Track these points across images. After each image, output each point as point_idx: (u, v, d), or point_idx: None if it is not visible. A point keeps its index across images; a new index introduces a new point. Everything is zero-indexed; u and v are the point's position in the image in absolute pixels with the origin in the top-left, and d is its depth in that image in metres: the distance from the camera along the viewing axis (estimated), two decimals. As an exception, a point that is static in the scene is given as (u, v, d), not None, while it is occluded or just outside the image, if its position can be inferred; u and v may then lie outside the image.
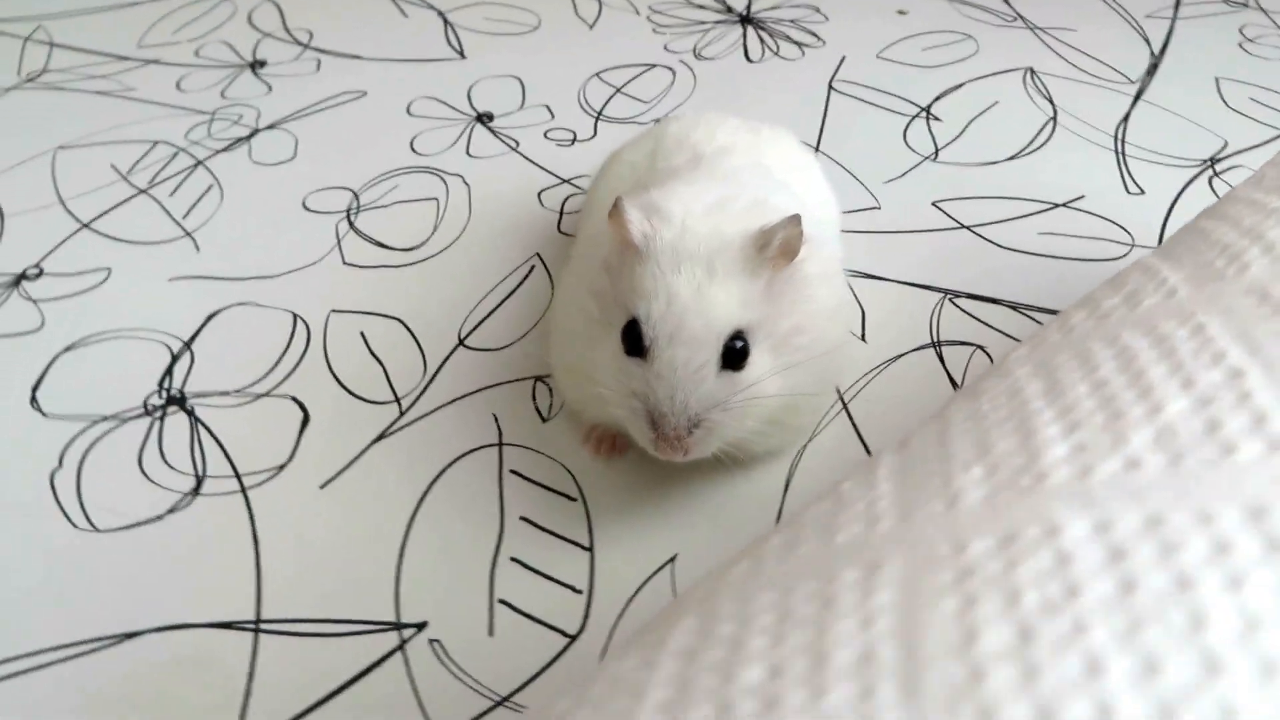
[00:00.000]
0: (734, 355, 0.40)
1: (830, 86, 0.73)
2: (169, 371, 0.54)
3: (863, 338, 0.54)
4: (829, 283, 0.45)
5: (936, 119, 0.70)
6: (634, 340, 0.40)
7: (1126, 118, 0.70)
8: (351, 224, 0.63)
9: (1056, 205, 0.62)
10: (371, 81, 0.76)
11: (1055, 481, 0.18)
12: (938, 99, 0.72)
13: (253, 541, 0.46)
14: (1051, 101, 0.71)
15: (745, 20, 0.82)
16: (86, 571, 0.45)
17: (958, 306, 0.56)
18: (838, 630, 0.17)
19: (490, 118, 0.71)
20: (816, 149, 0.67)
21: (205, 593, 0.44)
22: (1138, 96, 0.72)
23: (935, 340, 0.54)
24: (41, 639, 0.42)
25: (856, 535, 0.19)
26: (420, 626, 0.42)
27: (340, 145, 0.69)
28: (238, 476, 0.49)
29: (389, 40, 0.80)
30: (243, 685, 0.41)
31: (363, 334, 0.55)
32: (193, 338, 0.56)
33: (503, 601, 0.43)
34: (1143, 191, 0.63)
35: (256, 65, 0.78)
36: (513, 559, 0.45)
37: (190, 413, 0.52)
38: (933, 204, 0.62)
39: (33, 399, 0.53)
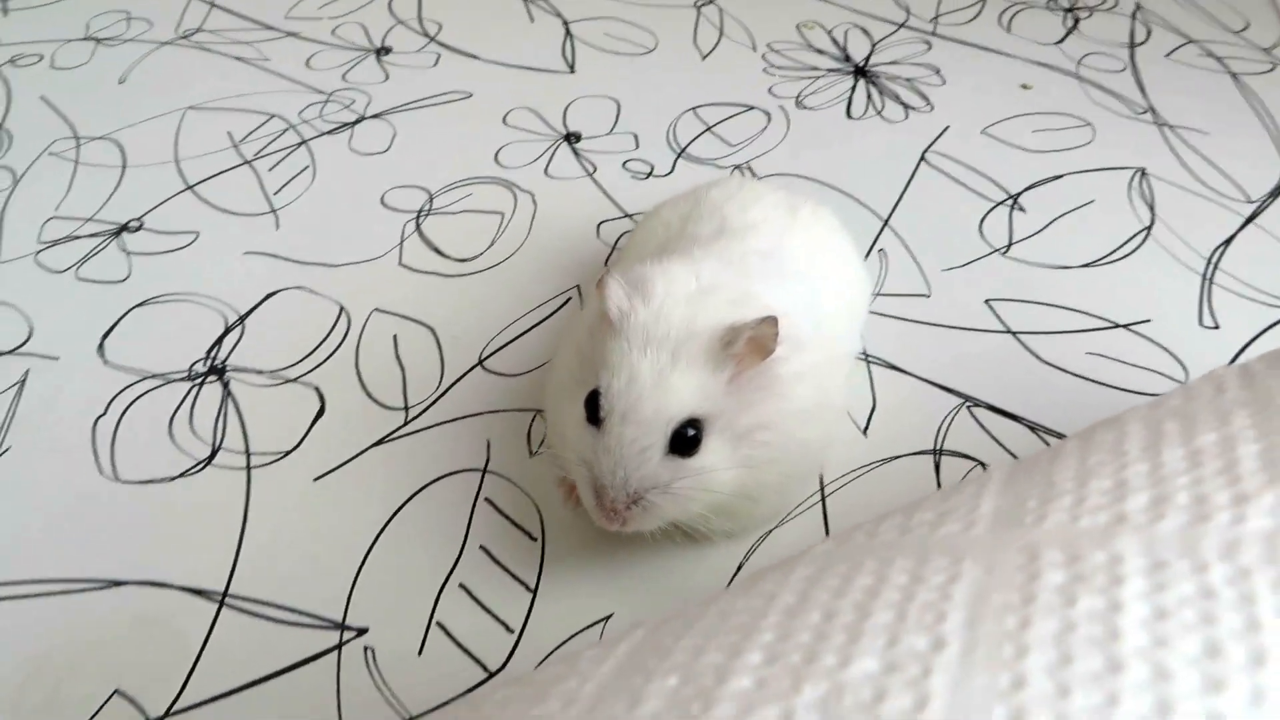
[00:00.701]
0: (683, 442, 0.41)
1: (923, 156, 0.72)
2: (219, 342, 0.59)
3: (864, 431, 0.54)
4: (810, 382, 0.45)
5: (1021, 209, 0.67)
6: (593, 410, 0.42)
7: (1229, 240, 0.65)
8: (418, 226, 0.66)
9: (1117, 325, 0.59)
10: (480, 84, 0.79)
11: (715, 716, 0.19)
12: (1030, 188, 0.69)
13: (242, 519, 0.50)
14: (1153, 209, 0.68)
15: (859, 72, 0.81)
16: (97, 515, 0.50)
17: (974, 416, 0.54)
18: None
19: (578, 138, 0.73)
20: (885, 223, 0.66)
21: (188, 557, 0.48)
22: (1250, 219, 0.67)
23: (938, 448, 0.53)
24: (41, 569, 0.48)
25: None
26: (361, 631, 0.45)
27: (432, 145, 0.73)
28: (248, 454, 0.53)
29: (509, 44, 0.83)
30: (195, 652, 0.45)
31: (395, 337, 0.59)
32: (248, 313, 0.60)
33: (439, 624, 0.46)
34: (1217, 326, 0.59)
35: (382, 52, 0.83)
36: (461, 585, 0.47)
37: (225, 385, 0.56)
38: (985, 301, 0.61)
39: (100, 346, 0.59)
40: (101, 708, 0.43)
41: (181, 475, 0.52)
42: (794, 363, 0.44)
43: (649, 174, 0.70)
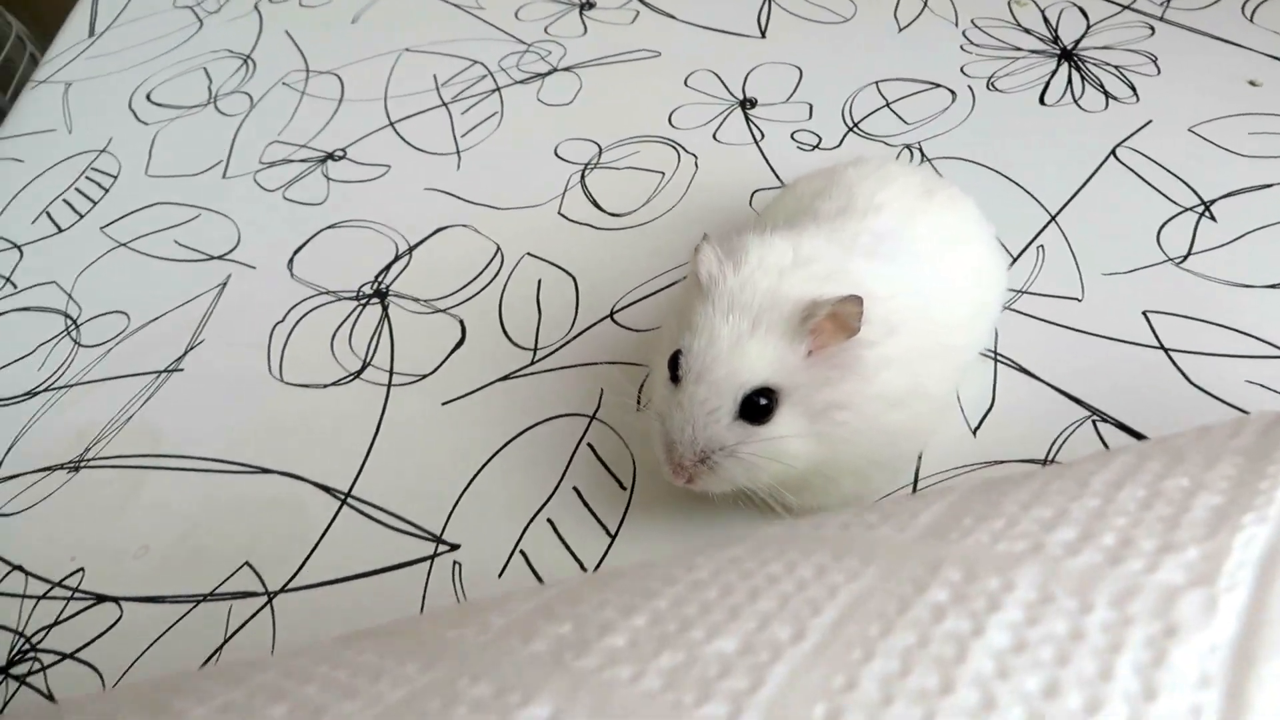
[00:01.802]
0: (754, 409, 0.42)
1: (1113, 151, 0.67)
2: (387, 268, 0.65)
3: (975, 430, 0.52)
4: (901, 368, 0.44)
5: (1211, 218, 0.62)
6: (674, 368, 0.44)
7: None
8: (583, 178, 0.69)
9: (1290, 355, 0.54)
10: (671, 43, 0.81)
11: (581, 664, 0.21)
12: (1228, 195, 0.63)
13: (374, 431, 0.56)
14: (1372, 232, 0.61)
15: (1066, 55, 0.76)
16: (259, 409, 0.57)
17: (1098, 432, 0.52)
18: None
19: (753, 104, 0.74)
20: (1053, 218, 0.63)
21: (324, 457, 0.55)
22: None
23: (1048, 459, 0.51)
24: (208, 449, 0.56)
25: (468, 637, 0.23)
26: (454, 547, 0.50)
27: (613, 101, 0.76)
28: (390, 373, 0.58)
29: (706, 5, 0.84)
30: (315, 538, 0.51)
31: (539, 281, 0.62)
32: (417, 244, 0.66)
33: (522, 552, 0.49)
34: None
35: (586, 6, 0.86)
36: (548, 519, 0.51)
37: (385, 308, 0.62)
38: (1142, 313, 0.57)
39: (290, 260, 0.66)
40: (233, 574, 0.50)
41: (333, 384, 0.58)
42: (884, 346, 0.43)
43: (815, 146, 0.70)
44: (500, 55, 0.81)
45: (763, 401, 0.42)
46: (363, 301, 0.63)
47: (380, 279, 0.64)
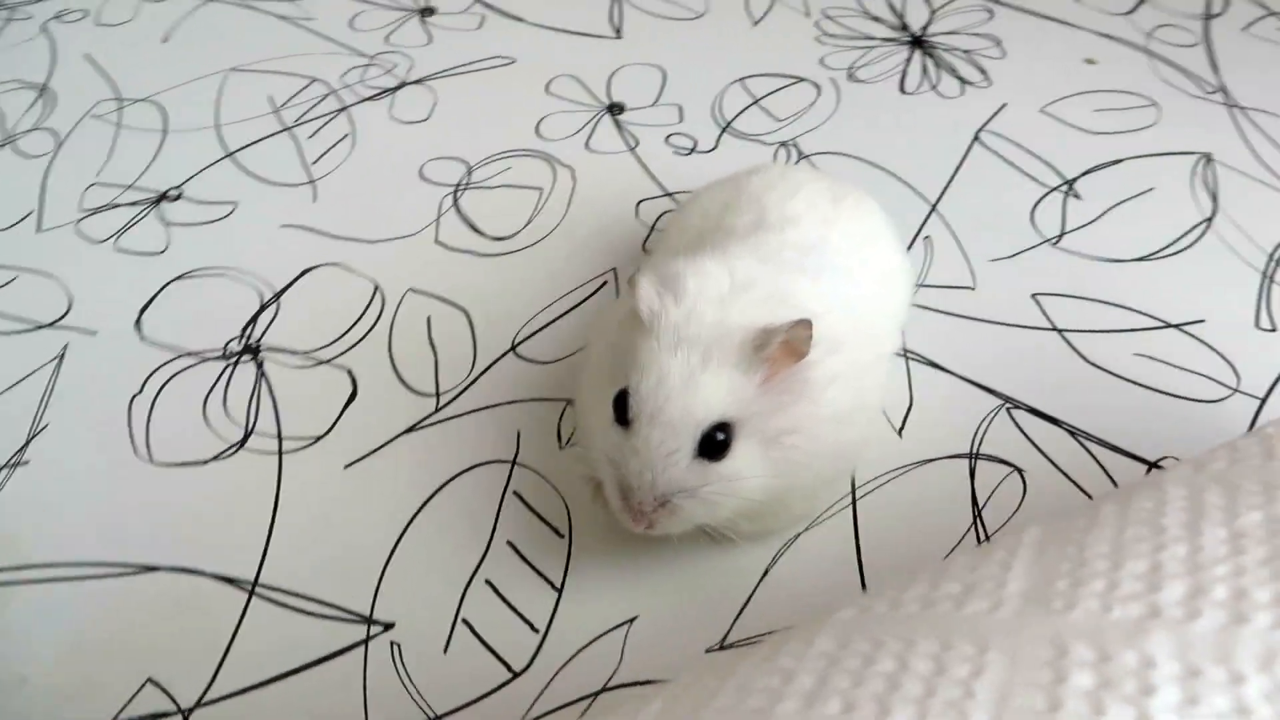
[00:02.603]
0: (712, 446, 0.40)
1: (976, 136, 0.69)
2: (254, 320, 0.59)
3: (900, 431, 0.53)
4: (845, 385, 0.43)
5: (1076, 196, 0.65)
6: (621, 410, 0.41)
7: (1296, 235, 0.63)
8: (455, 201, 0.65)
9: (1168, 325, 0.57)
10: (524, 49, 0.77)
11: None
12: (1087, 173, 0.66)
13: (273, 506, 0.50)
14: (1215, 199, 0.65)
15: (916, 42, 0.78)
16: (132, 498, 0.51)
17: (1013, 419, 0.53)
18: None
19: (621, 109, 0.72)
20: (933, 208, 0.64)
21: (220, 544, 0.49)
22: (1321, 211, 0.64)
23: (973, 452, 0.51)
24: (76, 552, 0.49)
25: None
26: (388, 626, 0.46)
27: (473, 114, 0.72)
28: (279, 439, 0.53)
29: (555, 6, 0.81)
30: (226, 641, 0.46)
31: (429, 319, 0.58)
32: (284, 290, 0.60)
33: (465, 621, 0.46)
34: (1275, 329, 0.57)
35: (426, 12, 0.81)
36: (487, 581, 0.47)
37: (259, 365, 0.56)
38: (1032, 296, 0.59)
39: (138, 321, 0.59)
40: (135, 695, 0.44)
41: (214, 459, 0.52)
42: (828, 365, 0.42)
43: (692, 150, 0.68)
44: (341, 70, 0.76)
45: (720, 436, 0.40)
46: (232, 360, 0.57)
47: (248, 332, 0.58)
